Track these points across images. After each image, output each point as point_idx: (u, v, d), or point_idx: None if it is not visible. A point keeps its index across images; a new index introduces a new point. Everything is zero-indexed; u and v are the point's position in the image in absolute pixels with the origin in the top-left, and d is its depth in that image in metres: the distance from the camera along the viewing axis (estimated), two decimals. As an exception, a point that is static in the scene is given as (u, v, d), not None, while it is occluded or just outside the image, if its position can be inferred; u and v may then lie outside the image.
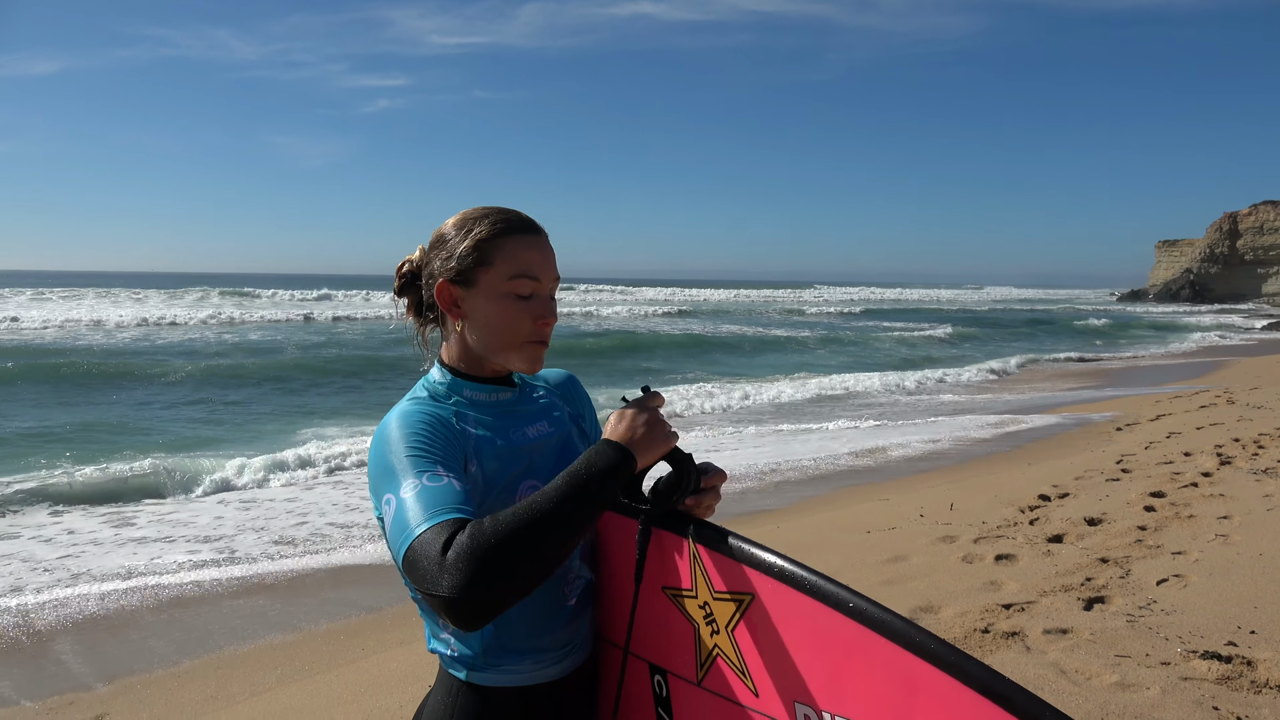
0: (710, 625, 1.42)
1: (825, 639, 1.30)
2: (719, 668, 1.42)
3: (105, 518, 7.29)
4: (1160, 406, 12.38)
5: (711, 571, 1.40)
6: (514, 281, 1.41)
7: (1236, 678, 3.43)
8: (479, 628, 1.18)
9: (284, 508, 7.63)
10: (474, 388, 1.46)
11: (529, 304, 1.42)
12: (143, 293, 47.24)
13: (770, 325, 36.26)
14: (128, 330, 27.70)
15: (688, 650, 1.46)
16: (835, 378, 17.44)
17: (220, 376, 16.77)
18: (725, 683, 1.42)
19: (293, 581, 5.76)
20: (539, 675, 1.46)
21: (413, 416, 1.35)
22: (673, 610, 1.47)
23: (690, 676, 1.46)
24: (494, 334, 1.43)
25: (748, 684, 1.40)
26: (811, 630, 1.32)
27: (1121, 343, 30.57)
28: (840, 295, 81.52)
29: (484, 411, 1.45)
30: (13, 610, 5.22)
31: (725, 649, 1.41)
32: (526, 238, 1.43)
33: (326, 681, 4.19)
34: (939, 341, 29.48)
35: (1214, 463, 7.68)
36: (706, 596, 1.42)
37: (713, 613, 1.41)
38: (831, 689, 1.31)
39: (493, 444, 1.42)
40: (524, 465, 1.44)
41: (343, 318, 35.23)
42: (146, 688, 4.28)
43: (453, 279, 1.43)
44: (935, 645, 1.20)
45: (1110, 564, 4.96)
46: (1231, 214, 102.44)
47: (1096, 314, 52.70)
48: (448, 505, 1.22)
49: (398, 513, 1.23)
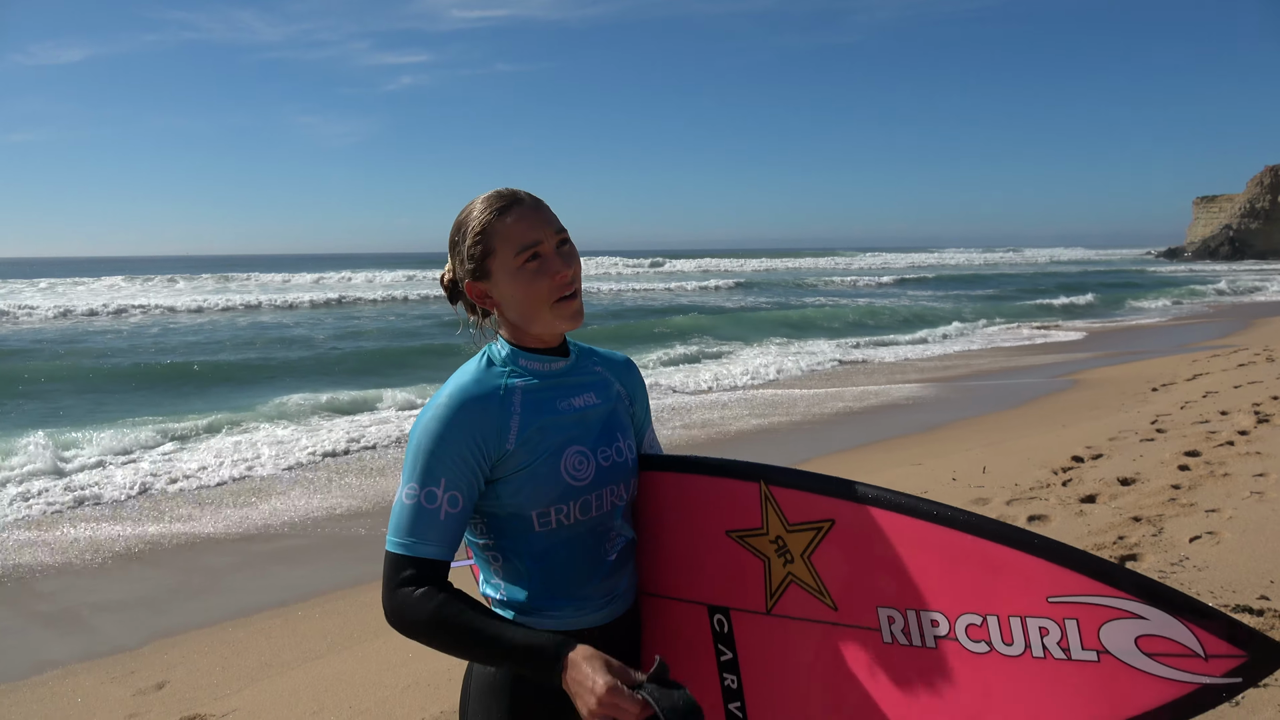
0: (784, 557, 1.57)
1: (904, 547, 1.46)
2: (792, 593, 1.57)
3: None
4: (1197, 366, 12.23)
5: (784, 507, 1.57)
6: (520, 256, 1.52)
7: (1268, 630, 3.47)
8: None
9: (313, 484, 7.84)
10: (529, 357, 1.58)
11: (541, 268, 1.52)
12: (175, 279, 47.78)
13: (871, 295, 35.08)
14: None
15: (756, 583, 1.61)
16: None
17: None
18: (800, 606, 1.57)
19: (337, 551, 5.94)
20: (581, 621, 1.58)
21: (454, 408, 1.49)
22: (739, 551, 1.62)
23: (759, 607, 1.61)
24: (523, 306, 1.54)
25: (826, 602, 1.55)
26: (888, 540, 1.48)
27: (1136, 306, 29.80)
28: (876, 262, 79.86)
29: (536, 379, 1.56)
30: (70, 583, 5.46)
31: (801, 575, 1.56)
32: (514, 212, 1.53)
33: (375, 648, 4.35)
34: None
35: (1251, 421, 7.61)
36: (779, 531, 1.58)
37: (786, 545, 1.57)
38: (912, 589, 1.46)
39: (540, 413, 1.54)
40: (569, 433, 1.55)
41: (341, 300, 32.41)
42: (202, 656, 4.48)
43: (474, 277, 1.57)
44: (1009, 530, 1.39)
45: (1143, 522, 4.98)
46: (1273, 167, 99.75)
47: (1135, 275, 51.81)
48: (421, 538, 1.45)
49: (396, 507, 1.48)
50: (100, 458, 8.47)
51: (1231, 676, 1.25)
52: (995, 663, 1.39)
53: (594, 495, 1.57)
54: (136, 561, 5.92)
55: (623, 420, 1.67)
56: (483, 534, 1.57)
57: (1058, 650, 1.34)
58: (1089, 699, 1.32)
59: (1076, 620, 1.32)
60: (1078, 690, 1.33)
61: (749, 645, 1.63)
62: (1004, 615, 1.38)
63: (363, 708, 3.67)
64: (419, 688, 3.77)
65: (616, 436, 1.63)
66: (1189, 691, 1.27)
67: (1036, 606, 1.35)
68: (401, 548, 1.45)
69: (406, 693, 3.74)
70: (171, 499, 7.41)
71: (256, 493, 7.54)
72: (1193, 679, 1.26)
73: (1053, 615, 1.34)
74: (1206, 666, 1.26)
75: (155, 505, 7.23)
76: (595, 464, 1.58)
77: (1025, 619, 1.36)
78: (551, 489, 1.52)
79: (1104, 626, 1.31)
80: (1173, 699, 1.27)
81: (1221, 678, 1.25)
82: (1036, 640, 1.35)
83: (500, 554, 1.57)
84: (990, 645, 1.39)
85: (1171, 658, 1.27)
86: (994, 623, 1.38)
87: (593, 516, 1.58)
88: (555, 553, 1.55)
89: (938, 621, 1.43)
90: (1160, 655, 1.28)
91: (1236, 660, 1.24)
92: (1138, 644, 1.29)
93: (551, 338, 1.59)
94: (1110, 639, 1.30)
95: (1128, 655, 1.30)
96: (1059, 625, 1.33)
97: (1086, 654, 1.32)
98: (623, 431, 1.66)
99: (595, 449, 1.58)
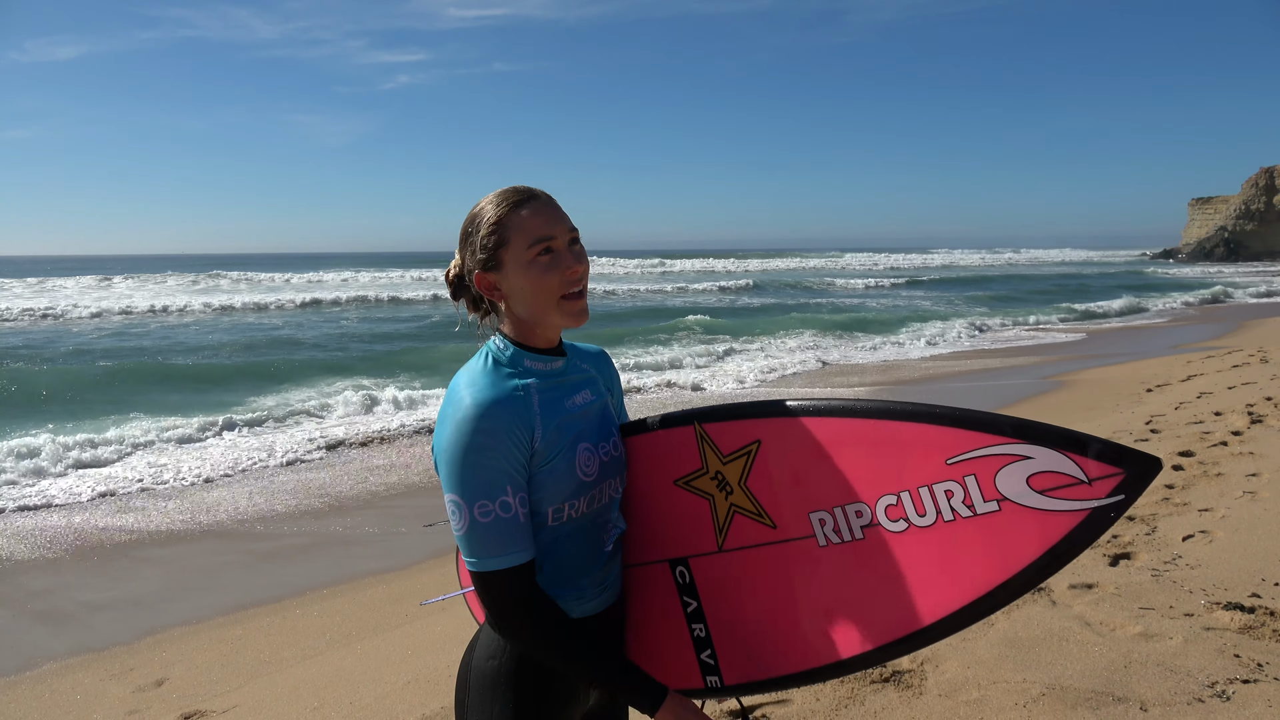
0: (724, 490, 1.65)
1: (820, 447, 1.56)
2: (737, 524, 1.65)
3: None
4: (1191, 367, 12.28)
5: (718, 441, 1.64)
6: (532, 249, 1.54)
7: (1259, 627, 3.50)
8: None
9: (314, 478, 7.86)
10: (532, 357, 1.60)
11: (552, 262, 1.55)
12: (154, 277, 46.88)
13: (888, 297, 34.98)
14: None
15: (705, 524, 1.68)
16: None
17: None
18: (745, 534, 1.64)
19: (331, 553, 5.96)
20: (579, 609, 1.63)
21: (488, 415, 1.47)
22: (686, 496, 1.69)
23: (711, 548, 1.68)
24: (533, 299, 1.56)
25: (766, 523, 1.62)
26: (809, 446, 1.57)
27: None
28: (872, 262, 79.43)
29: (540, 379, 1.58)
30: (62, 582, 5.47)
31: (741, 503, 1.64)
32: (529, 206, 1.55)
33: (375, 645, 4.38)
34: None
35: (1244, 421, 7.66)
36: (717, 465, 1.65)
37: (725, 477, 1.64)
38: (836, 486, 1.55)
39: (554, 412, 1.56)
40: (578, 430, 1.59)
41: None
42: (201, 653, 4.49)
43: (484, 268, 1.58)
44: (909, 407, 1.49)
45: (1137, 521, 5.02)
46: (1269, 169, 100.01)
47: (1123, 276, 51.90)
48: (518, 548, 1.48)
49: (472, 530, 1.47)
50: (91, 456, 8.46)
51: (1114, 495, 1.33)
52: (914, 537, 1.49)
53: (597, 490, 1.62)
54: (131, 559, 5.94)
55: (613, 415, 1.73)
56: None
57: (964, 509, 1.44)
58: (1000, 549, 1.41)
59: (975, 475, 1.42)
60: (989, 542, 1.42)
61: (709, 589, 1.70)
62: (914, 488, 1.48)
63: (363, 704, 3.69)
64: (419, 684, 3.79)
65: (611, 431, 1.69)
66: (1083, 517, 1.35)
67: (939, 472, 1.45)
68: (504, 563, 1.47)
69: (407, 689, 3.76)
70: (166, 496, 7.42)
71: (250, 490, 7.55)
72: (1083, 505, 1.35)
73: (954, 476, 1.44)
74: (1092, 490, 1.34)
75: (150, 503, 7.24)
76: (599, 459, 1.62)
77: (932, 486, 1.46)
78: (567, 485, 1.55)
79: (998, 475, 1.40)
80: (1070, 529, 1.36)
81: (1107, 498, 1.34)
82: (945, 504, 1.45)
83: None
84: (908, 521, 1.49)
85: (1060, 489, 1.36)
86: (906, 499, 1.49)
87: (595, 510, 1.63)
88: (560, 545, 1.59)
89: (861, 512, 1.53)
90: (1050, 490, 1.37)
91: (1116, 478, 1.33)
92: (1030, 484, 1.38)
93: (553, 336, 1.62)
94: (1006, 485, 1.40)
95: (1023, 497, 1.39)
96: (960, 485, 1.43)
97: (989, 505, 1.42)
98: (614, 426, 1.72)
99: (597, 445, 1.63)
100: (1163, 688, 3.11)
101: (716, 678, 1.71)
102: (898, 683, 3.32)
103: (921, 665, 3.42)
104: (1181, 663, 3.27)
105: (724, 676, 1.70)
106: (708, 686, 1.73)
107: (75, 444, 8.62)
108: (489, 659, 1.59)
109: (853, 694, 3.26)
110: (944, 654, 3.49)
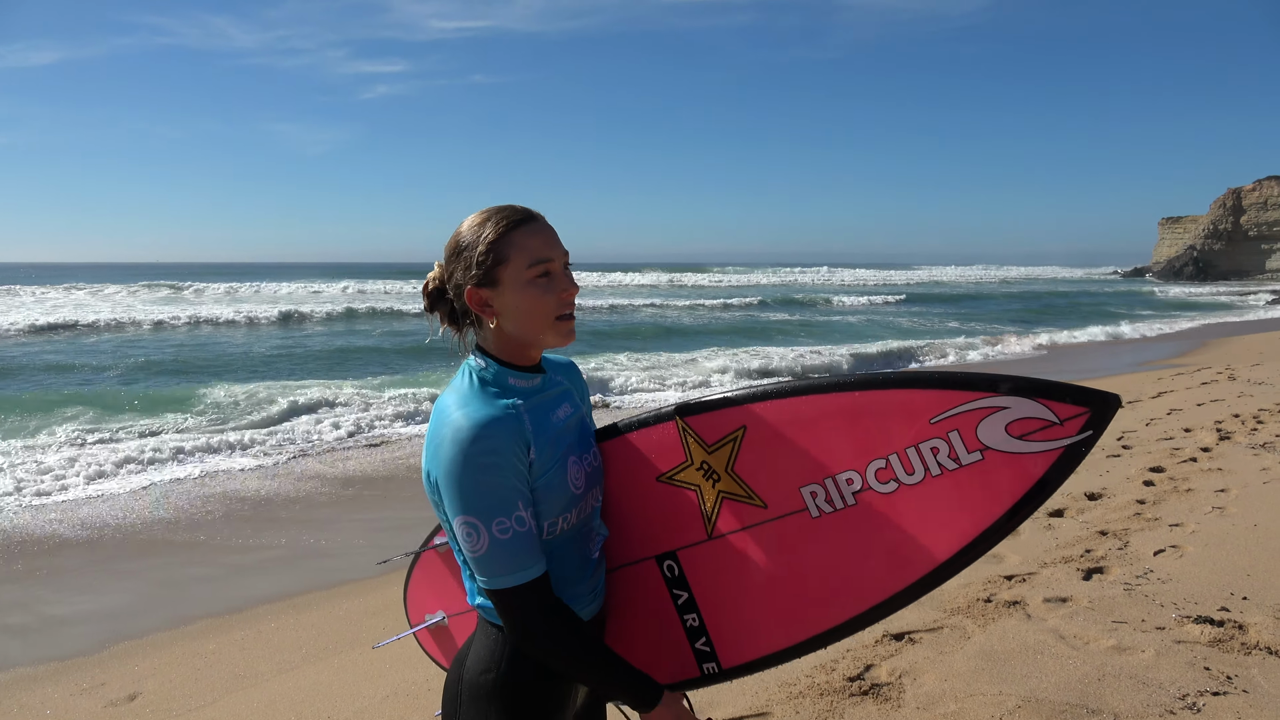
0: (711, 479, 1.70)
1: (806, 424, 1.63)
2: (726, 509, 1.69)
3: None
4: (1162, 384, 12.48)
5: (701, 432, 1.70)
6: (531, 269, 1.54)
7: (1228, 640, 3.57)
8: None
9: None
10: (516, 375, 1.60)
11: (549, 284, 1.56)
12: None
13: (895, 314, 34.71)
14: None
15: (693, 514, 1.72)
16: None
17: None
18: (735, 517, 1.69)
19: (306, 565, 5.91)
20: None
21: (488, 434, 1.47)
22: (670, 490, 1.73)
23: (700, 537, 1.72)
24: (528, 319, 1.56)
25: (756, 503, 1.67)
26: (795, 425, 1.63)
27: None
28: (860, 279, 79.02)
29: (523, 397, 1.59)
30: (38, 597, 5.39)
31: (730, 488, 1.69)
32: (529, 226, 1.56)
33: (352, 658, 4.34)
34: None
35: (1213, 438, 7.79)
36: (702, 455, 1.70)
37: (711, 466, 1.69)
38: (825, 458, 1.62)
39: (544, 428, 1.58)
40: (568, 444, 1.62)
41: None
42: (174, 667, 4.43)
43: (478, 283, 1.57)
44: (890, 375, 1.59)
45: (1109, 536, 5.09)
46: (1236, 189, 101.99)
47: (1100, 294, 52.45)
48: (535, 560, 1.50)
49: (492, 549, 1.47)
50: (54, 464, 8.33)
51: (1083, 431, 1.48)
52: (905, 494, 1.59)
53: (584, 500, 1.64)
54: (102, 571, 5.85)
55: (590, 425, 1.76)
56: None
57: (950, 462, 1.55)
58: (987, 492, 1.54)
59: (957, 430, 1.54)
60: (975, 488, 1.54)
61: (700, 578, 1.74)
62: (901, 449, 1.58)
63: (341, 718, 3.67)
64: (398, 697, 3.77)
65: (591, 442, 1.72)
66: (1058, 454, 1.50)
67: (924, 431, 1.56)
68: (527, 577, 1.49)
69: (386, 702, 3.74)
70: (130, 508, 7.32)
71: (219, 501, 7.47)
72: (1057, 444, 1.49)
73: (938, 433, 1.55)
74: (1063, 430, 1.49)
75: (116, 514, 7.14)
76: (585, 470, 1.65)
77: (918, 446, 1.57)
78: (561, 499, 1.57)
79: (979, 426, 1.53)
80: (1048, 466, 1.50)
81: (1077, 435, 1.49)
82: (931, 461, 1.56)
83: None
84: (898, 481, 1.59)
85: (1036, 433, 1.51)
86: (895, 460, 1.59)
87: (583, 519, 1.65)
88: (553, 557, 1.60)
89: (852, 480, 1.62)
90: (1027, 434, 1.51)
91: (1083, 416, 1.48)
92: (1008, 430, 1.52)
93: (536, 354, 1.64)
94: (986, 435, 1.53)
95: (1003, 444, 1.52)
96: (945, 440, 1.55)
97: (972, 455, 1.54)
98: (593, 436, 1.74)
99: (582, 456, 1.66)
100: (1135, 700, 3.16)
101: (714, 664, 1.76)
102: (876, 695, 3.34)
103: (900, 678, 3.45)
104: (1153, 675, 3.32)
105: (721, 661, 1.75)
106: (704, 674, 1.76)
107: (35, 450, 8.47)
108: (484, 672, 1.59)
109: (832, 707, 3.29)
110: (921, 666, 3.52)
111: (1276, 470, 6.41)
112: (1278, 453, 7.04)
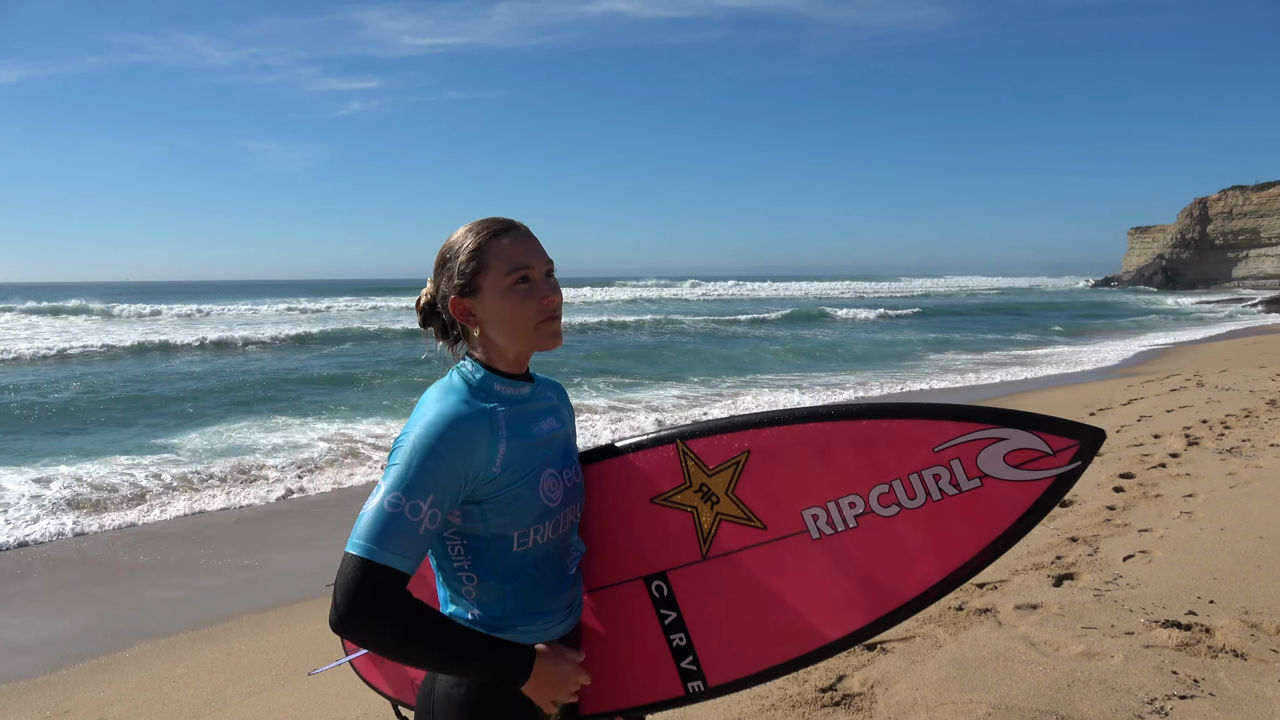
0: (709, 501, 1.72)
1: (811, 450, 1.67)
2: (724, 530, 1.71)
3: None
4: (1132, 391, 12.64)
5: (702, 456, 1.72)
6: (511, 276, 1.57)
7: (1195, 644, 3.60)
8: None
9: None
10: (503, 382, 1.62)
11: (530, 290, 1.58)
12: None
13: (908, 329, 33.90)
14: None
15: (688, 535, 1.74)
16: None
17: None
18: (732, 539, 1.72)
19: (274, 586, 5.84)
20: (548, 634, 1.65)
21: (451, 426, 1.49)
22: (665, 512, 1.75)
23: (694, 557, 1.74)
24: (510, 325, 1.58)
25: (755, 525, 1.70)
26: (800, 450, 1.67)
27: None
28: (840, 290, 78.62)
29: (507, 404, 1.60)
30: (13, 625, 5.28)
31: (728, 511, 1.71)
32: (509, 235, 1.59)
33: (323, 680, 4.28)
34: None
35: (1182, 444, 7.89)
36: (702, 478, 1.72)
37: (710, 489, 1.72)
38: (828, 483, 1.66)
39: (520, 436, 1.58)
40: (545, 456, 1.62)
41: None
42: (140, 693, 4.35)
43: (460, 293, 1.60)
44: (894, 405, 1.65)
45: (1079, 542, 5.13)
46: (1202, 200, 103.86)
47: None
48: (397, 550, 1.43)
49: (372, 512, 1.44)
50: (20, 489, 8.19)
51: (1074, 462, 1.59)
52: (906, 517, 1.65)
53: (561, 515, 1.64)
54: (64, 595, 5.74)
55: (574, 444, 1.77)
56: (460, 556, 1.59)
57: (950, 488, 1.63)
58: (984, 516, 1.62)
59: (959, 458, 1.62)
60: (974, 512, 1.62)
61: (690, 598, 1.75)
62: (904, 476, 1.64)
63: (309, 741, 3.61)
64: (369, 718, 3.72)
65: (573, 459, 1.72)
66: (1050, 483, 1.60)
67: (927, 459, 1.63)
68: (374, 555, 1.42)
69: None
70: (97, 531, 7.20)
71: (183, 522, 7.37)
72: (1050, 473, 1.60)
73: (940, 461, 1.62)
74: (1055, 460, 1.60)
75: (79, 539, 7.02)
76: (563, 485, 1.65)
77: (921, 472, 1.63)
78: (532, 510, 1.57)
79: (980, 455, 1.61)
80: (1041, 493, 1.60)
81: (1067, 465, 1.59)
82: (933, 486, 1.63)
83: (475, 575, 1.60)
84: (900, 505, 1.65)
85: (1031, 462, 1.60)
86: (898, 485, 1.65)
87: (559, 535, 1.65)
88: (527, 571, 1.60)
89: (855, 503, 1.67)
90: (1024, 463, 1.61)
91: (1073, 448, 1.59)
92: (1006, 460, 1.61)
93: (523, 362, 1.65)
94: (986, 464, 1.61)
95: (1002, 472, 1.61)
96: (947, 468, 1.62)
97: (972, 482, 1.62)
98: (576, 454, 1.75)
99: (562, 471, 1.66)
100: (1104, 705, 3.18)
101: (700, 682, 1.76)
102: (848, 706, 3.34)
103: (872, 688, 3.45)
104: (1122, 680, 3.34)
105: (707, 680, 1.76)
106: (690, 693, 1.77)
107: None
108: (454, 685, 1.58)
109: (805, 718, 3.28)
110: (893, 676, 3.53)
111: (1243, 475, 6.50)
112: (1244, 457, 7.14)
